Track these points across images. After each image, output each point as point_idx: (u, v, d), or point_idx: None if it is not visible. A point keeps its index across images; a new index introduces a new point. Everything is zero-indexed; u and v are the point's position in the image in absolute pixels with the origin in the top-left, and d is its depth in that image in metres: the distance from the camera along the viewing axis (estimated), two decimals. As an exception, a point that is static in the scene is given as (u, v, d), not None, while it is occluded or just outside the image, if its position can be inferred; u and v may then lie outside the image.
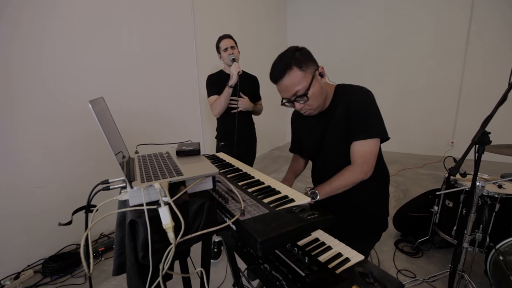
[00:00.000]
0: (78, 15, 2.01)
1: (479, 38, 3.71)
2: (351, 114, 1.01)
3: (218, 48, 1.97)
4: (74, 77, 2.01)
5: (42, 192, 1.88)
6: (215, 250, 2.00)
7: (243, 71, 1.94)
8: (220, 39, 1.95)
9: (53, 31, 1.88)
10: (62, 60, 1.94)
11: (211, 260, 1.94)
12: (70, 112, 1.98)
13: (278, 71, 0.96)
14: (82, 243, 0.53)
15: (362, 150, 1.00)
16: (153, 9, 2.58)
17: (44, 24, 1.83)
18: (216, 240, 2.02)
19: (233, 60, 1.85)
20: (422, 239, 1.91)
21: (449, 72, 3.98)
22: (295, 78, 0.94)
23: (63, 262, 1.84)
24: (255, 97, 2.09)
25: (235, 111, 1.91)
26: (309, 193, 0.97)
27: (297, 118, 1.27)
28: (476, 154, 1.05)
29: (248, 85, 2.00)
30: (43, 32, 1.83)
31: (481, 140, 1.03)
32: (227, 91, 1.83)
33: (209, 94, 1.98)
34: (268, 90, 2.13)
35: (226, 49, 1.90)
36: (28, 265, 1.83)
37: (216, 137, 2.12)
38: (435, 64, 4.05)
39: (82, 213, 0.67)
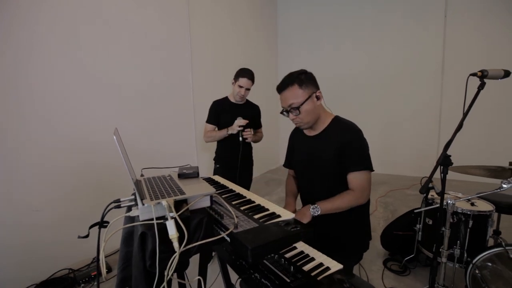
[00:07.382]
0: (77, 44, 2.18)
1: (452, 67, 4.09)
2: (346, 146, 1.16)
3: (236, 78, 1.99)
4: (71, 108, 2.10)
5: (35, 216, 1.90)
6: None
7: (247, 100, 2.13)
8: (244, 75, 1.96)
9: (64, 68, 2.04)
10: (59, 90, 2.03)
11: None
12: (68, 140, 2.07)
13: (283, 84, 1.18)
14: (101, 256, 0.62)
15: (360, 179, 1.16)
16: (152, 41, 2.75)
17: (55, 60, 1.99)
18: None
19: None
20: (408, 257, 1.99)
21: (429, 99, 4.32)
22: (293, 93, 1.15)
23: (54, 287, 1.83)
24: (255, 125, 2.20)
25: (248, 140, 2.01)
26: (311, 208, 1.09)
27: (294, 134, 1.45)
28: (442, 174, 1.21)
29: (249, 112, 2.11)
30: (53, 67, 1.99)
31: (444, 162, 1.19)
32: (224, 135, 1.97)
33: (207, 121, 2.11)
34: (262, 114, 2.30)
35: (241, 87, 1.97)
36: (19, 291, 1.81)
37: (214, 159, 2.23)
38: (416, 92, 4.40)
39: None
